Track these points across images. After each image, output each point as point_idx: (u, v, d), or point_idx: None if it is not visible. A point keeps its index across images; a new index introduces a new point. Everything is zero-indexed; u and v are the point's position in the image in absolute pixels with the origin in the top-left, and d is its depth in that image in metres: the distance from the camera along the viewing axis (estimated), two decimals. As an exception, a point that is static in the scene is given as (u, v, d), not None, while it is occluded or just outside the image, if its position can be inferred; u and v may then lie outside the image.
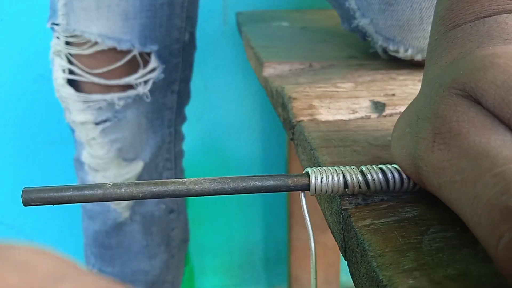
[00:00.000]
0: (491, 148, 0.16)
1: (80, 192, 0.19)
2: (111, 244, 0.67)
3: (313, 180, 0.21)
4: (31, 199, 0.19)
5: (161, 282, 0.72)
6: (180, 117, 0.68)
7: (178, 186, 0.20)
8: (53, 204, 0.19)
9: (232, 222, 1.11)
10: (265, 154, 1.05)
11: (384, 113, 0.34)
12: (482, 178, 0.15)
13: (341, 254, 0.80)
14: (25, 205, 0.19)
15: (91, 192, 0.19)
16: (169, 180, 0.20)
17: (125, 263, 0.68)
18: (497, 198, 0.15)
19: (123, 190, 0.19)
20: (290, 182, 0.21)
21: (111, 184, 0.20)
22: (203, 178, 0.20)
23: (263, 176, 0.21)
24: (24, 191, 0.19)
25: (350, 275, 0.22)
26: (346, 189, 0.22)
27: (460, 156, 0.17)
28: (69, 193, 0.19)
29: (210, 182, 0.20)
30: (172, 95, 0.64)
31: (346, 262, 0.23)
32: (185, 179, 0.20)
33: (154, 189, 0.20)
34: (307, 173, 0.22)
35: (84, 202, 0.19)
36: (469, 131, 0.17)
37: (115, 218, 0.66)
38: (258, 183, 0.21)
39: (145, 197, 0.19)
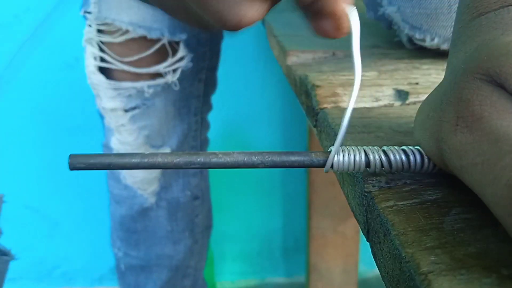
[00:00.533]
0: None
1: (120, 159, 0.21)
2: (137, 228, 0.69)
3: (335, 157, 0.22)
4: (76, 163, 0.21)
5: (185, 266, 0.73)
6: (207, 106, 0.70)
7: (209, 157, 0.21)
8: (95, 169, 0.21)
9: (252, 210, 1.12)
10: (286, 143, 1.06)
11: (407, 101, 0.35)
12: (502, 160, 0.16)
13: (360, 244, 0.80)
14: (71, 169, 0.21)
15: (130, 159, 0.21)
16: (201, 152, 0.21)
17: (150, 248, 0.70)
18: None
19: (159, 159, 0.21)
20: (313, 156, 0.22)
21: (149, 153, 0.21)
22: (233, 151, 0.22)
23: (288, 152, 0.22)
24: (71, 156, 0.21)
25: (368, 265, 0.22)
26: (368, 168, 0.22)
27: (482, 139, 0.17)
28: (110, 159, 0.21)
29: (241, 156, 0.22)
30: (199, 83, 0.66)
31: (364, 252, 0.24)
32: (217, 151, 0.21)
33: (188, 159, 0.21)
34: (330, 150, 0.23)
35: (123, 169, 0.21)
36: (491, 114, 0.17)
37: (141, 203, 0.67)
38: (284, 158, 0.22)
39: (177, 166, 0.21)
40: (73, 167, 0.21)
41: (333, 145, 0.26)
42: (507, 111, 0.17)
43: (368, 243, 0.23)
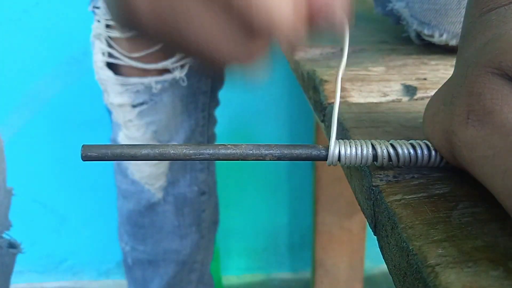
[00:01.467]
0: None
1: (131, 149, 0.21)
2: (144, 223, 0.70)
3: (343, 150, 0.22)
4: (88, 153, 0.21)
5: (192, 261, 0.74)
6: (214, 101, 0.70)
7: (219, 148, 0.21)
8: (107, 159, 0.21)
9: (258, 206, 1.12)
10: (293, 138, 1.06)
11: (415, 97, 0.35)
12: None
13: (366, 240, 0.80)
14: (83, 160, 0.21)
15: (141, 150, 0.21)
16: (210, 144, 0.22)
17: (157, 242, 0.71)
18: None
19: (170, 150, 0.21)
20: (321, 148, 0.22)
21: (160, 144, 0.21)
22: (240, 143, 0.22)
23: (295, 144, 0.22)
24: (83, 147, 0.21)
25: (373, 262, 0.23)
26: (375, 161, 0.23)
27: (493, 132, 0.17)
28: (122, 149, 0.21)
29: (249, 148, 0.22)
30: (207, 79, 0.66)
31: (370, 249, 0.24)
32: (226, 143, 0.22)
33: (197, 150, 0.21)
34: (337, 143, 0.23)
35: (134, 159, 0.21)
36: (502, 108, 0.18)
37: (149, 199, 0.68)
38: (291, 150, 0.22)
39: (187, 156, 0.21)
40: (85, 157, 0.21)
41: (340, 139, 0.26)
42: None
43: (375, 237, 0.24)
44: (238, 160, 0.22)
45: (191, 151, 0.21)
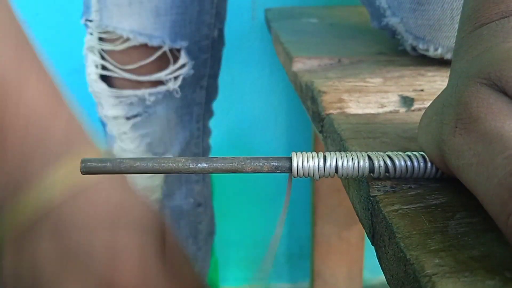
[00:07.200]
0: (505, 132, 0.17)
1: (134, 164, 0.21)
2: None
3: (339, 163, 0.23)
4: (88, 168, 0.21)
5: (188, 273, 0.74)
6: (208, 112, 0.70)
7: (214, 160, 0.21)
8: (107, 173, 0.21)
9: (256, 217, 1.12)
10: (291, 149, 1.06)
11: (412, 108, 0.35)
12: (494, 160, 0.17)
13: (365, 251, 0.80)
14: (83, 173, 0.21)
15: (144, 164, 0.21)
16: (214, 157, 0.22)
17: None
18: (506, 179, 0.16)
19: (170, 163, 0.21)
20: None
21: (163, 158, 0.21)
22: (239, 156, 0.22)
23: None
24: (82, 161, 0.21)
25: (372, 272, 0.23)
26: (372, 173, 0.23)
27: (477, 140, 0.18)
28: (124, 164, 0.21)
29: (248, 159, 0.22)
30: (201, 90, 0.66)
31: (369, 259, 0.24)
32: (226, 157, 0.22)
33: (188, 163, 0.21)
34: (334, 156, 0.23)
35: (135, 173, 0.21)
36: (487, 116, 0.18)
37: None
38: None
39: (177, 170, 0.21)
40: (85, 171, 0.21)
41: (338, 150, 0.26)
42: (502, 113, 0.18)
43: (373, 247, 0.24)
44: (236, 172, 0.22)
45: (189, 163, 0.21)
